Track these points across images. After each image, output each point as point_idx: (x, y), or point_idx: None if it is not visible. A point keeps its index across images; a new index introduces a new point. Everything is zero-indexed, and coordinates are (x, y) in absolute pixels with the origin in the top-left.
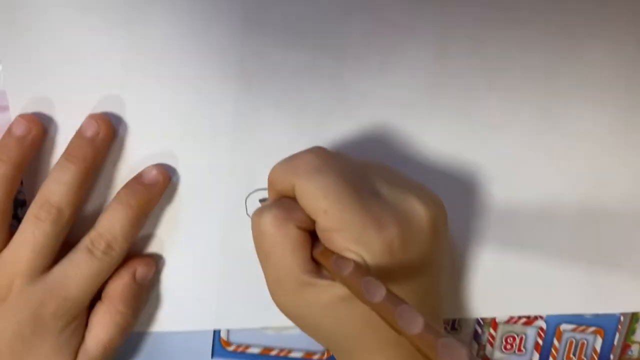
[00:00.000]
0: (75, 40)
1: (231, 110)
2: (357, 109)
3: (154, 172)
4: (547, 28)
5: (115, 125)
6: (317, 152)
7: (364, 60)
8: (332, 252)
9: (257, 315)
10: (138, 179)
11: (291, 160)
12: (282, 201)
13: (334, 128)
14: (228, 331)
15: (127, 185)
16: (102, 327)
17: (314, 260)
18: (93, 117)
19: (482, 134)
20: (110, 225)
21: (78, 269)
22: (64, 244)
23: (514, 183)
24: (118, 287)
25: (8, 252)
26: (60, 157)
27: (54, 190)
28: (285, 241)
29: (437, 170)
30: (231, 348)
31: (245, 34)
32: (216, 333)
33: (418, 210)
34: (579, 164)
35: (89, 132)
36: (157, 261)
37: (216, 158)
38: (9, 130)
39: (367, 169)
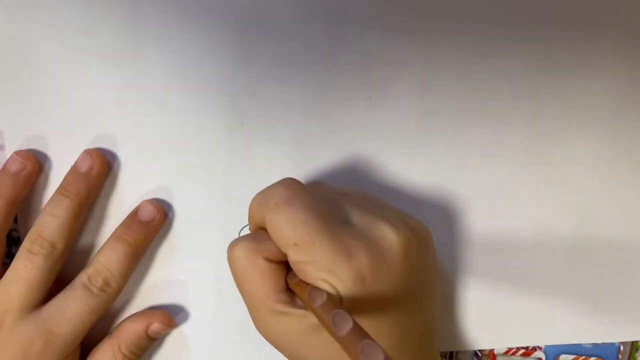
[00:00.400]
0: (69, 79)
1: (224, 145)
2: (347, 141)
3: (149, 208)
4: (531, 59)
5: (110, 161)
6: (287, 184)
7: (353, 95)
8: (307, 283)
9: (252, 355)
10: (134, 216)
11: (264, 193)
12: (257, 233)
13: (325, 160)
14: None
15: (124, 223)
16: None
17: (290, 289)
18: (88, 152)
19: (470, 165)
20: (108, 262)
21: (74, 306)
22: (56, 282)
23: (505, 213)
24: (129, 330)
25: (0, 288)
26: (55, 192)
27: (47, 224)
28: (255, 273)
29: (427, 202)
30: None
31: (237, 71)
32: None
33: (389, 236)
34: (569, 192)
35: (84, 167)
36: (175, 321)
37: (210, 192)
38: (4, 168)
39: (341, 198)
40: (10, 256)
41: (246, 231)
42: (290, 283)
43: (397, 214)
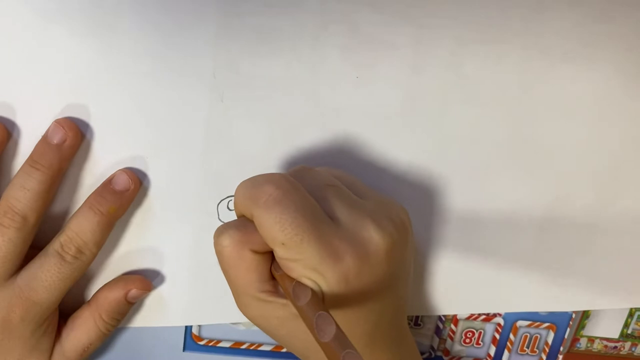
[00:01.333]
0: (40, 46)
1: (203, 119)
2: (330, 120)
3: (124, 178)
4: (523, 48)
5: (83, 131)
6: (278, 182)
7: (339, 74)
8: (289, 277)
9: (228, 312)
10: (108, 185)
11: (253, 188)
12: (242, 223)
13: (306, 139)
14: (200, 327)
15: (98, 191)
16: (83, 331)
17: (273, 277)
18: (60, 123)
19: (453, 147)
20: (80, 230)
21: (48, 273)
22: (30, 246)
23: (483, 193)
24: (108, 299)
25: None
26: (25, 163)
27: (18, 197)
28: (240, 263)
29: (406, 180)
30: (203, 342)
31: (219, 44)
32: (187, 328)
33: (375, 239)
34: (547, 176)
35: (56, 139)
36: (152, 284)
37: (188, 164)
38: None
39: (328, 191)
40: None
41: (224, 206)
42: (274, 273)
43: (384, 207)
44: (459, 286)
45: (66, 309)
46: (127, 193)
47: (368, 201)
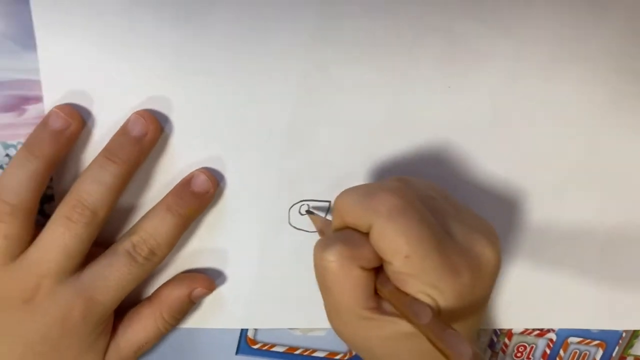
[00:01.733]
0: (124, 34)
1: (287, 121)
2: (415, 129)
3: (203, 179)
4: (617, 72)
5: (162, 124)
6: (398, 191)
7: (431, 83)
8: (403, 293)
9: (287, 316)
10: (187, 186)
11: (368, 197)
12: (348, 236)
13: (389, 148)
14: (255, 330)
15: (176, 192)
16: (142, 328)
17: (376, 293)
18: (141, 115)
19: (536, 161)
20: (156, 231)
21: (117, 273)
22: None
23: (555, 209)
24: (171, 297)
25: (35, 252)
26: (99, 155)
27: (90, 190)
28: (347, 280)
29: (485, 191)
30: (257, 346)
31: (314, 45)
32: (243, 331)
33: (487, 255)
34: (617, 197)
35: (135, 131)
36: (216, 284)
37: (265, 166)
38: (45, 123)
39: (435, 203)
40: (41, 213)
41: (295, 210)
42: (381, 290)
43: (478, 220)
44: (521, 300)
45: (122, 304)
46: (206, 195)
47: (469, 215)
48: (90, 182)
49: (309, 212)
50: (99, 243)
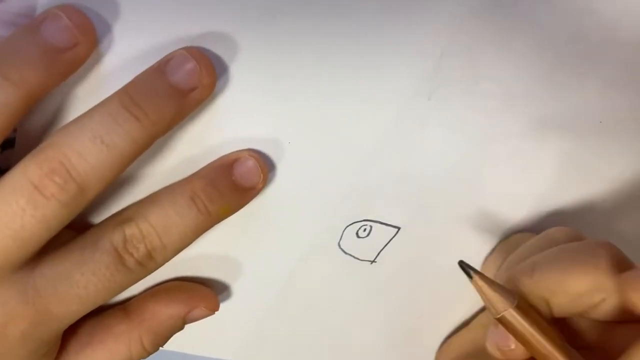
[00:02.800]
0: None
1: (389, 117)
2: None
3: (252, 167)
4: None
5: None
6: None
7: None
8: None
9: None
10: (227, 171)
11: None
12: None
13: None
14: None
15: (210, 178)
16: (107, 352)
17: None
18: (193, 55)
19: None
20: (166, 227)
21: (92, 277)
22: None
23: None
24: (160, 316)
25: None
26: (114, 99)
27: (88, 153)
28: None
29: None
30: None
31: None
32: None
33: None
34: None
35: (180, 79)
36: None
37: (336, 167)
38: (34, 30)
39: None
40: None
41: (352, 231)
42: None
43: None
44: None
45: None
46: (251, 192)
47: None
48: (89, 140)
49: (465, 266)
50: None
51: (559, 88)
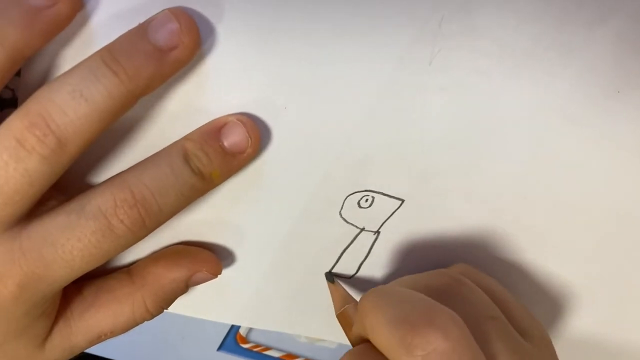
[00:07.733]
0: None
1: (384, 80)
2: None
3: (240, 133)
4: None
5: (202, 39)
6: (446, 328)
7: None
8: None
9: (295, 321)
10: (216, 136)
11: (404, 326)
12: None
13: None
14: (250, 329)
15: (199, 141)
16: (111, 314)
17: None
18: (175, 15)
19: None
20: (160, 189)
21: (78, 243)
22: None
23: None
24: (163, 279)
25: None
26: (95, 56)
27: (65, 106)
28: None
29: None
30: (247, 345)
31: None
32: (234, 326)
33: None
34: None
35: (161, 38)
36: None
37: (335, 133)
38: None
39: (490, 326)
40: None
41: (353, 201)
42: None
43: (543, 348)
44: None
45: None
46: (241, 157)
47: (530, 342)
48: (68, 93)
49: (331, 274)
50: (60, 187)
51: (566, 46)
